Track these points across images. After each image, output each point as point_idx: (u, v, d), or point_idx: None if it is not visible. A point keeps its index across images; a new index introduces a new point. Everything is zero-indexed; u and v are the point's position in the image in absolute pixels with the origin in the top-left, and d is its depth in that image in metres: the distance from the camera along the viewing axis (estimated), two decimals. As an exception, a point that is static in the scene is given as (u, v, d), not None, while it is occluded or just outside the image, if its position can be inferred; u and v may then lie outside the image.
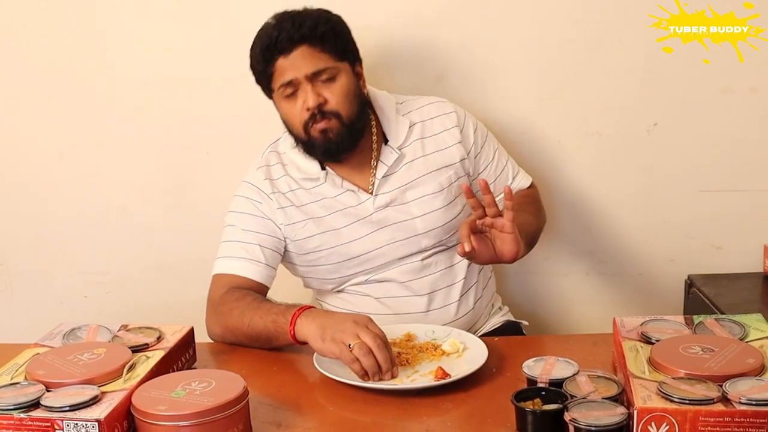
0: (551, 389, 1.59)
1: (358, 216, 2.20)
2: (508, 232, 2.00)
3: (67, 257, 2.78)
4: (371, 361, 1.78)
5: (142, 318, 2.04)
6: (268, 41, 2.10)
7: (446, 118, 2.29)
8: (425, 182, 2.23)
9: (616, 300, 2.78)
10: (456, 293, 2.25)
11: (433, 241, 2.23)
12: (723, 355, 1.63)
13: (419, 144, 2.26)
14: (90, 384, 1.62)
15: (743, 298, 2.50)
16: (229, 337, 2.09)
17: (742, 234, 2.70)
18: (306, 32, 2.08)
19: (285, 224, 2.21)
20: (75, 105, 2.67)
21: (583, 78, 2.60)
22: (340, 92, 2.13)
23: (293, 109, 2.13)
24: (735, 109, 2.62)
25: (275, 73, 2.12)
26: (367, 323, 1.85)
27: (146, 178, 2.72)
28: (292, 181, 2.24)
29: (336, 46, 2.14)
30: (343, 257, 2.21)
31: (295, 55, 2.08)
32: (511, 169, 2.39)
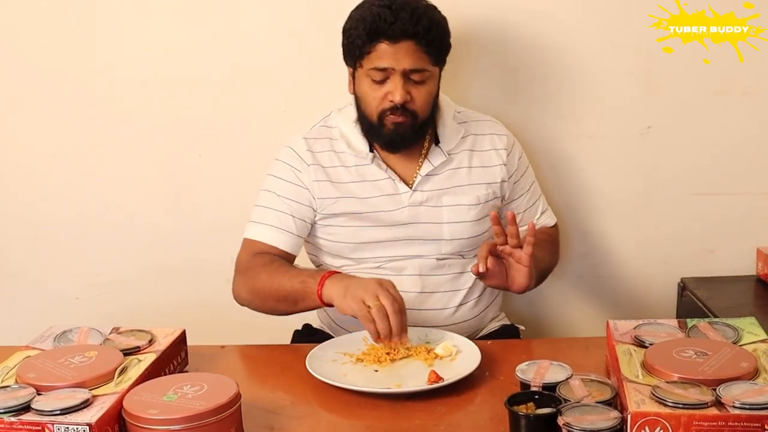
0: (545, 393, 1.59)
1: (391, 205, 2.21)
2: (524, 265, 2.03)
3: (60, 259, 2.77)
4: (385, 324, 1.86)
5: (134, 320, 2.03)
6: (379, 23, 2.06)
7: (497, 138, 2.31)
8: (463, 192, 2.24)
9: (609, 303, 2.78)
10: (457, 299, 2.26)
11: (453, 249, 2.24)
12: (716, 358, 1.63)
13: (467, 155, 2.27)
14: (81, 387, 1.61)
15: (736, 301, 2.50)
16: (256, 300, 2.17)
17: (735, 237, 2.70)
18: (420, 30, 2.06)
19: (318, 197, 2.21)
20: (69, 105, 2.67)
21: (578, 80, 2.61)
22: (426, 96, 2.14)
23: (375, 93, 2.13)
24: (728, 112, 2.62)
25: (372, 53, 2.09)
26: (389, 287, 1.91)
27: (140, 179, 2.71)
28: (335, 157, 2.24)
29: (439, 51, 2.15)
30: (364, 239, 2.22)
31: (400, 47, 2.07)
32: (541, 205, 2.42)
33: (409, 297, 2.19)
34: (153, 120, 2.66)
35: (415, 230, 2.22)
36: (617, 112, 2.63)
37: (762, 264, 2.61)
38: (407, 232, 2.22)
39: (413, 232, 2.22)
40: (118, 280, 2.76)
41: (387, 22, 2.05)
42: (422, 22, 2.06)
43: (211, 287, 2.73)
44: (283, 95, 2.63)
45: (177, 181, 2.70)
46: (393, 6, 2.07)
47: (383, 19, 2.05)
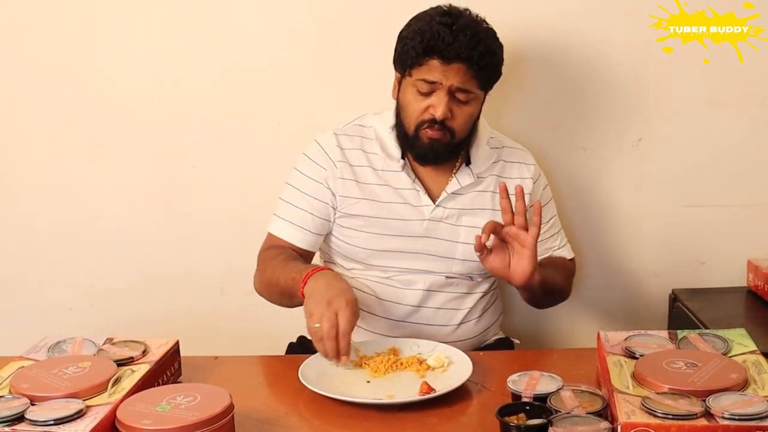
0: (536, 404, 1.60)
1: (411, 216, 2.21)
2: (528, 249, 2.00)
3: (54, 269, 2.77)
4: (320, 347, 1.89)
5: (128, 331, 2.04)
6: (437, 41, 2.05)
7: (525, 167, 2.32)
8: (484, 216, 2.22)
9: (600, 314, 2.79)
10: (459, 317, 2.26)
11: (464, 270, 2.24)
12: (706, 370, 1.64)
13: (494, 179, 2.27)
14: (75, 398, 1.62)
15: (727, 312, 2.52)
16: (266, 293, 2.21)
17: (725, 249, 2.72)
18: (476, 56, 2.05)
19: (340, 195, 2.22)
20: (64, 115, 2.67)
21: (570, 92, 2.62)
22: (467, 117, 2.15)
23: (418, 104, 2.12)
24: (720, 124, 2.64)
25: (423, 67, 2.08)
26: (338, 308, 1.89)
27: (135, 190, 2.71)
28: (363, 157, 2.24)
29: (489, 79, 2.16)
30: (379, 247, 2.21)
31: (452, 67, 2.06)
32: (559, 239, 2.41)
33: (412, 311, 2.21)
34: (147, 131, 2.67)
35: (430, 245, 2.22)
36: (609, 124, 2.64)
37: (753, 275, 2.62)
38: (422, 246, 2.22)
39: (428, 246, 2.22)
40: (112, 291, 2.76)
41: (445, 42, 2.04)
42: (479, 48, 2.06)
43: (205, 298, 2.74)
44: (277, 106, 2.64)
45: (171, 191, 2.71)
46: (454, 26, 2.06)
47: (441, 38, 2.04)
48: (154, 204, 2.72)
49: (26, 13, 2.60)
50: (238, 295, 2.68)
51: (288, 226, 2.23)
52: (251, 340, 2.71)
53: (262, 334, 2.67)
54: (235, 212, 2.66)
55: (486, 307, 2.32)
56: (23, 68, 2.66)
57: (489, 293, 2.33)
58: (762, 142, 2.66)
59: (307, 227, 2.22)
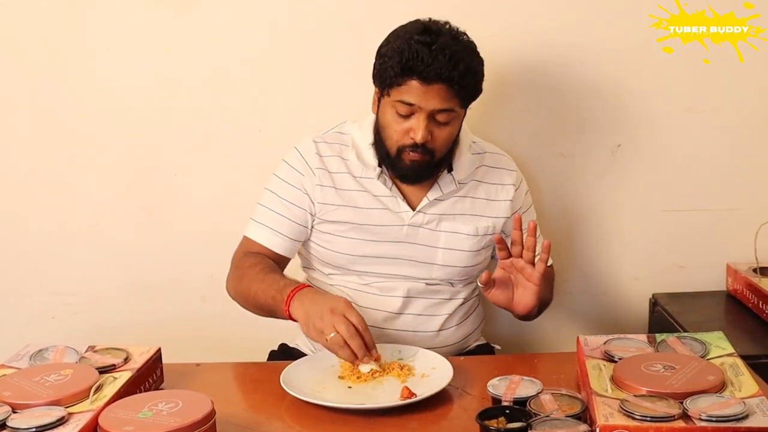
0: (515, 408, 1.61)
1: (391, 221, 2.21)
2: (534, 283, 2.01)
3: (36, 277, 2.77)
4: (346, 353, 1.88)
5: (110, 339, 2.03)
6: (416, 62, 2.01)
7: (507, 173, 2.32)
8: (464, 221, 2.23)
9: (581, 319, 2.80)
10: (437, 323, 2.26)
11: (445, 276, 2.24)
12: (684, 372, 1.66)
13: (475, 185, 2.28)
14: (57, 405, 1.62)
15: (706, 316, 2.54)
16: (240, 300, 2.21)
17: (705, 253, 2.74)
18: (456, 76, 2.01)
19: (319, 202, 2.21)
20: (45, 125, 2.67)
21: (550, 99, 2.64)
22: (447, 137, 2.13)
23: (397, 126, 2.10)
24: (697, 130, 2.66)
25: (402, 87, 2.05)
26: (344, 311, 1.91)
27: (116, 198, 2.71)
28: (342, 164, 2.23)
29: (469, 96, 2.13)
30: (359, 252, 2.21)
31: (432, 87, 2.03)
32: (539, 245, 2.39)
33: (391, 317, 2.22)
34: (128, 139, 2.67)
35: (410, 251, 2.22)
36: (588, 131, 2.66)
37: (732, 279, 2.64)
38: (402, 252, 2.22)
39: (408, 252, 2.22)
40: (94, 299, 2.76)
41: (424, 62, 2.00)
42: (459, 68, 2.02)
43: (187, 305, 2.74)
44: (258, 114, 2.65)
45: (152, 200, 2.71)
46: (433, 46, 2.01)
47: (420, 58, 2.00)
48: (135, 212, 2.72)
49: (3, 25, 2.61)
50: (219, 302, 2.66)
51: (265, 230, 2.23)
52: (233, 347, 2.70)
53: (244, 341, 2.66)
54: (216, 220, 2.66)
55: (467, 314, 2.33)
56: (1, 79, 2.65)
57: (470, 300, 2.33)
58: (739, 147, 2.68)
59: (285, 233, 2.22)
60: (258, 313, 2.15)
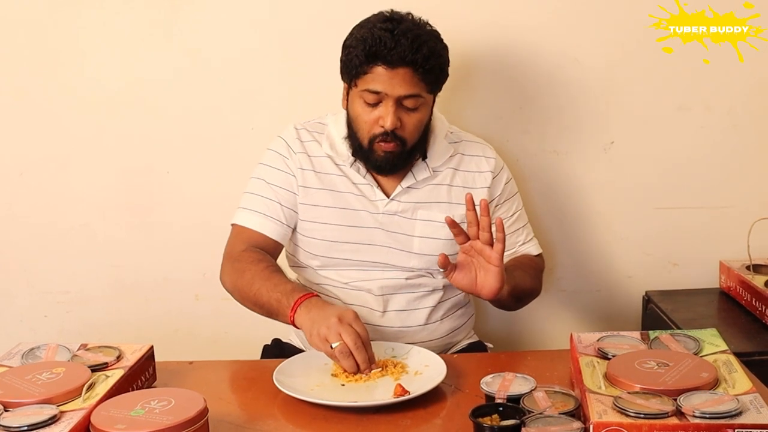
0: (509, 405, 1.60)
1: (367, 208, 2.22)
2: (494, 265, 1.99)
3: (28, 276, 2.77)
4: (350, 363, 1.87)
5: (102, 337, 2.04)
6: (379, 47, 2.05)
7: (485, 161, 2.32)
8: (440, 209, 2.24)
9: (574, 316, 2.80)
10: (422, 318, 2.26)
11: (422, 265, 2.24)
12: (678, 369, 1.66)
13: (451, 172, 2.28)
14: (49, 403, 1.62)
15: (699, 313, 2.54)
16: (237, 296, 2.16)
17: (698, 250, 2.74)
18: (419, 59, 2.05)
19: (300, 185, 2.22)
20: (36, 123, 2.67)
21: (542, 96, 2.64)
22: (417, 123, 2.14)
23: (367, 116, 2.13)
24: (690, 127, 2.67)
25: (368, 75, 2.08)
26: (351, 321, 1.90)
27: (108, 197, 2.71)
28: (321, 149, 2.25)
29: (435, 81, 2.14)
30: (337, 238, 2.21)
31: (397, 72, 2.06)
32: (524, 234, 2.39)
33: (374, 315, 2.21)
34: (121, 137, 2.67)
35: (386, 238, 2.22)
36: (581, 128, 2.66)
37: (725, 277, 2.65)
38: (378, 238, 2.22)
39: (384, 239, 2.22)
40: (86, 298, 2.76)
41: (387, 47, 2.04)
42: (422, 51, 2.05)
43: (179, 303, 2.74)
44: (250, 112, 2.65)
45: (145, 198, 2.71)
46: (395, 31, 2.05)
47: (383, 43, 2.04)
48: (128, 210, 2.72)
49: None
50: (212, 300, 2.68)
51: (257, 216, 2.22)
52: (226, 345, 2.71)
53: (237, 338, 2.68)
54: (209, 218, 2.66)
55: (453, 308, 2.32)
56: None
57: (457, 295, 2.32)
58: (732, 145, 2.69)
59: (277, 217, 2.22)
60: (255, 310, 2.13)
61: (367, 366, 1.88)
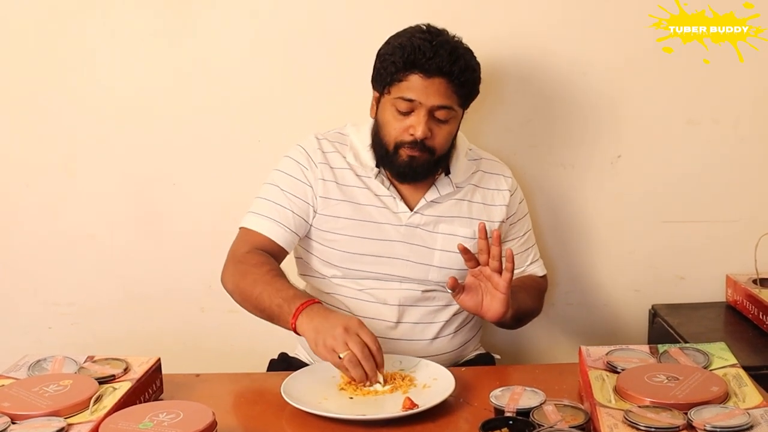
0: (519, 419, 1.60)
1: (389, 220, 2.22)
2: (501, 292, 2.01)
3: (33, 287, 2.76)
4: (359, 372, 1.85)
5: (108, 349, 2.03)
6: (417, 55, 2.07)
7: (503, 179, 2.35)
8: (461, 224, 2.25)
9: (581, 330, 2.80)
10: (433, 331, 2.26)
11: (441, 278, 2.23)
12: (687, 383, 1.65)
13: (472, 189, 2.30)
14: (56, 416, 1.61)
15: (706, 327, 2.53)
16: (237, 297, 2.15)
17: (704, 264, 2.74)
18: (456, 71, 2.08)
19: (320, 196, 2.22)
20: (43, 134, 2.67)
21: (550, 110, 2.64)
22: (446, 135, 2.16)
23: (397, 123, 2.14)
24: (697, 141, 2.66)
25: (403, 83, 2.10)
26: (357, 330, 1.89)
27: (114, 208, 2.71)
28: (343, 161, 2.25)
29: (468, 95, 2.17)
30: (356, 250, 2.21)
31: (433, 82, 2.08)
32: (532, 254, 2.42)
33: (387, 326, 2.21)
34: (127, 148, 2.67)
35: (407, 251, 2.22)
36: (588, 142, 2.66)
37: (731, 290, 2.64)
38: (399, 251, 2.22)
39: (405, 252, 2.22)
40: (92, 309, 2.75)
41: (426, 56, 2.06)
42: (459, 63, 2.08)
43: (186, 315, 2.74)
44: (257, 124, 2.65)
45: (151, 209, 2.70)
46: (434, 41, 2.08)
47: (422, 51, 2.06)
48: (134, 222, 2.71)
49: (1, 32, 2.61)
50: (218, 313, 2.68)
51: (267, 221, 2.21)
52: (232, 357, 2.70)
53: (243, 351, 2.67)
54: (215, 230, 2.65)
55: (463, 323, 2.32)
56: (0, 95, 2.65)
57: None
58: (738, 158, 2.69)
59: (287, 224, 2.21)
60: (255, 313, 2.11)
61: (373, 375, 1.87)
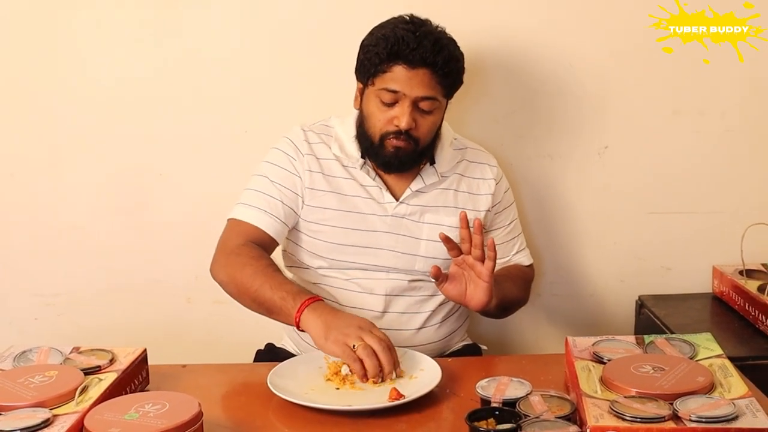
0: (505, 409, 1.60)
1: (375, 210, 2.22)
2: (484, 281, 2.02)
3: (18, 279, 2.75)
4: (373, 362, 1.85)
5: (94, 340, 2.02)
6: (401, 45, 2.08)
7: (488, 168, 2.35)
8: (447, 213, 2.25)
9: (568, 321, 2.80)
10: (418, 321, 2.26)
11: (427, 268, 2.21)
12: (673, 373, 1.66)
13: (457, 178, 2.30)
14: (42, 407, 1.60)
15: (692, 317, 2.54)
16: (232, 289, 2.13)
17: (691, 255, 2.74)
18: (440, 61, 2.09)
19: (307, 187, 2.22)
20: (28, 124, 2.65)
21: (536, 101, 2.64)
22: (431, 126, 2.17)
23: (381, 115, 2.14)
24: (684, 132, 2.67)
25: (387, 74, 2.11)
26: (371, 328, 1.91)
27: (100, 199, 2.69)
28: (329, 152, 2.25)
29: (452, 85, 2.18)
30: (343, 241, 2.21)
31: (417, 73, 2.09)
32: (518, 244, 2.42)
33: (373, 316, 2.19)
34: (113, 139, 2.65)
35: (394, 241, 2.22)
36: (575, 133, 2.66)
37: (718, 281, 2.65)
38: (386, 242, 2.22)
39: (392, 242, 2.22)
40: (78, 300, 2.74)
41: (410, 46, 2.07)
42: (443, 54, 2.09)
43: (172, 306, 2.73)
44: (244, 115, 2.64)
45: (138, 200, 2.69)
46: (418, 32, 2.09)
47: (406, 42, 2.07)
48: (120, 212, 2.70)
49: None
50: (205, 304, 2.68)
51: (257, 212, 2.20)
52: (219, 348, 2.70)
53: (230, 342, 2.66)
54: (201, 221, 2.64)
55: (449, 313, 2.32)
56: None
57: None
58: (725, 150, 2.69)
59: (277, 214, 2.20)
60: (251, 306, 2.10)
61: (391, 368, 1.87)
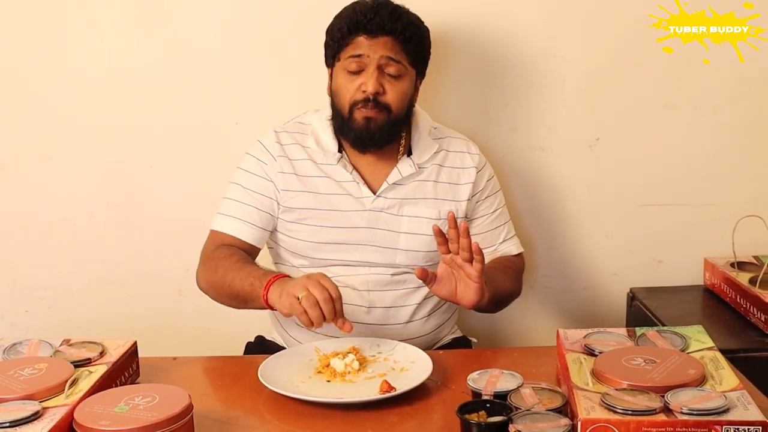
0: (496, 401, 1.60)
1: (352, 206, 2.22)
2: (474, 281, 2.00)
3: (9, 272, 2.74)
4: (316, 312, 1.86)
5: (85, 333, 2.01)
6: (360, 17, 2.14)
7: (469, 157, 2.33)
8: (426, 205, 2.25)
9: (560, 313, 2.80)
10: (405, 315, 2.25)
11: (409, 261, 2.23)
12: (665, 366, 1.66)
13: (436, 168, 2.29)
14: (31, 399, 1.60)
15: (684, 310, 2.54)
16: (212, 292, 2.18)
17: (683, 248, 2.75)
18: (399, 27, 2.14)
19: (282, 189, 2.22)
20: (18, 117, 2.65)
21: (528, 93, 2.63)
22: (399, 91, 2.18)
23: (349, 85, 2.17)
24: (676, 125, 2.67)
25: (350, 46, 2.16)
26: (319, 278, 1.91)
27: (91, 191, 2.69)
28: (303, 151, 2.26)
29: (415, 52, 2.21)
30: (322, 239, 2.21)
31: (378, 41, 2.14)
32: (505, 232, 2.39)
33: (359, 311, 2.20)
34: (104, 132, 2.65)
35: (373, 236, 2.22)
36: (567, 125, 2.66)
37: (709, 274, 2.65)
38: (365, 237, 2.22)
39: (371, 237, 2.22)
40: (68, 293, 2.74)
41: (366, 17, 2.13)
42: (401, 20, 2.15)
43: (163, 299, 2.72)
44: (234, 107, 2.64)
45: (128, 192, 2.69)
46: (374, 3, 2.17)
47: (363, 14, 2.14)
48: (111, 205, 2.70)
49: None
50: (196, 296, 2.63)
51: (234, 221, 2.23)
52: (210, 340, 2.70)
53: (221, 334, 2.66)
54: (192, 213, 2.64)
55: (437, 306, 2.31)
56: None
57: None
58: (716, 143, 2.69)
59: (253, 221, 2.22)
60: (231, 303, 2.13)
61: (331, 316, 1.87)
